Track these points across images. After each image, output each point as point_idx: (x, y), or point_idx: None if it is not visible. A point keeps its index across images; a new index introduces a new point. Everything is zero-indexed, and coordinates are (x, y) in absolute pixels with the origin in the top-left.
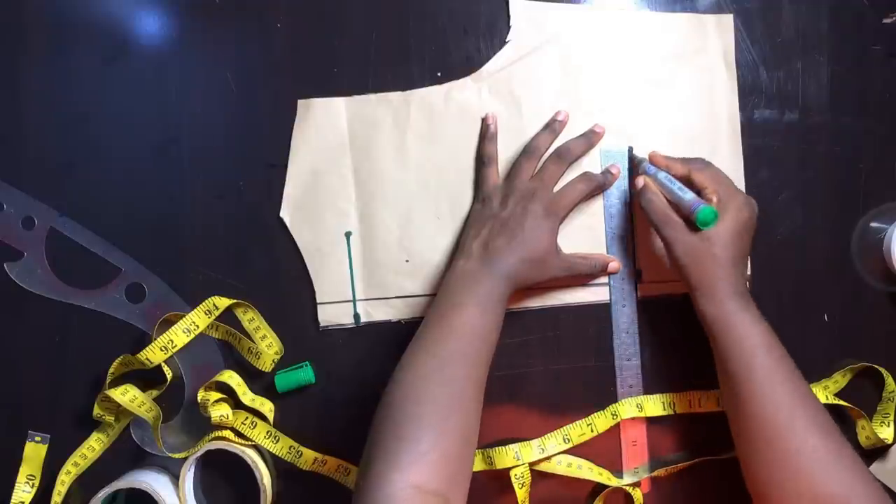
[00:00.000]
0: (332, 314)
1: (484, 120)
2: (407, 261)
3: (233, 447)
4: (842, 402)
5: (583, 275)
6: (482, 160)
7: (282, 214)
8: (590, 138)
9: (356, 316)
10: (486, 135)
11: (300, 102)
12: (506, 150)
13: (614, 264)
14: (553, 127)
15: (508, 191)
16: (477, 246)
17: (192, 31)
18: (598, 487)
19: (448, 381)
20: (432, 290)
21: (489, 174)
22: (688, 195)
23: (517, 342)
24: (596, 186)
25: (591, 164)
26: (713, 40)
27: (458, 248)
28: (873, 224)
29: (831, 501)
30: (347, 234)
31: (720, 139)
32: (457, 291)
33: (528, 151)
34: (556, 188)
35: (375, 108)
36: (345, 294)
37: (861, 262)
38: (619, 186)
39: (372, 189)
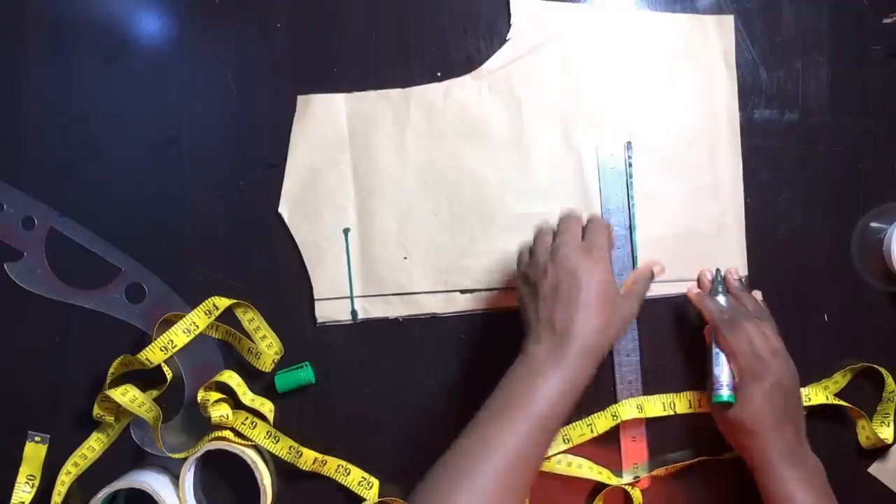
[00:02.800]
0: (329, 310)
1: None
2: (405, 258)
3: (233, 447)
4: (842, 403)
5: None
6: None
7: (280, 210)
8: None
9: (353, 312)
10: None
11: (300, 98)
12: (506, 150)
13: (657, 268)
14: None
15: (541, 259)
16: (543, 326)
17: (192, 31)
18: (598, 487)
19: (502, 480)
20: (430, 287)
21: (522, 255)
22: (717, 369)
23: (517, 342)
24: (601, 221)
25: (592, 164)
26: (713, 41)
27: (525, 328)
28: (873, 224)
29: None
30: (346, 231)
31: (720, 139)
32: (526, 381)
33: (539, 227)
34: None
35: (375, 105)
36: (342, 290)
37: (861, 262)
38: (618, 181)
39: (370, 186)
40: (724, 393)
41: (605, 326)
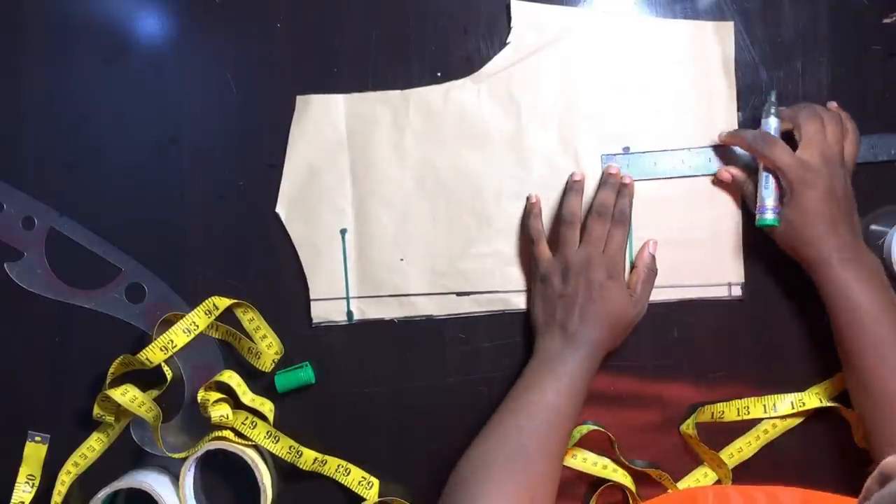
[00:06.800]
0: (325, 311)
1: (528, 198)
2: (402, 259)
3: (233, 447)
4: (834, 404)
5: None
6: (531, 238)
7: (277, 209)
8: (614, 186)
9: (349, 313)
10: (531, 212)
11: (299, 98)
12: (504, 154)
13: (652, 250)
14: (575, 188)
15: (564, 265)
16: (556, 328)
17: (192, 31)
18: (598, 481)
19: (518, 456)
20: (426, 289)
21: (541, 251)
22: (764, 192)
23: (514, 342)
24: (626, 219)
25: (589, 168)
26: (712, 47)
27: (535, 328)
28: (874, 227)
29: None
30: (343, 232)
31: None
32: (539, 373)
33: (566, 220)
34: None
35: (374, 106)
36: (338, 291)
37: None
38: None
39: (368, 187)
40: (769, 216)
41: (612, 338)
